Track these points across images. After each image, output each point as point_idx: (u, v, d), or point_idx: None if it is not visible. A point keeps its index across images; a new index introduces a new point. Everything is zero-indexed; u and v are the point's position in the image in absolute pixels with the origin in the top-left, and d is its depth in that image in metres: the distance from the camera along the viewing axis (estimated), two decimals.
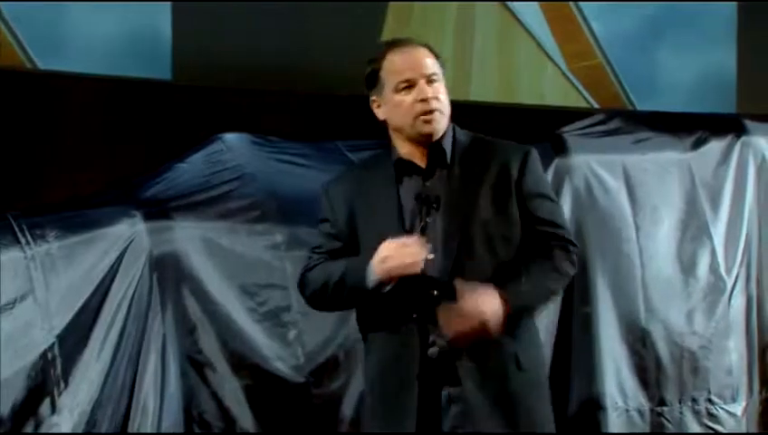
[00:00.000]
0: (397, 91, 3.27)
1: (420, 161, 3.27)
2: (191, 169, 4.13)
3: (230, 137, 4.19)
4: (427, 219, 3.20)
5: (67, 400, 3.78)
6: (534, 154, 3.29)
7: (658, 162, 4.32)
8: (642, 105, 5.55)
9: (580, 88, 5.40)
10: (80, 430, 3.78)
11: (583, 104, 5.47)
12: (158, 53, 5.14)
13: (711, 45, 5.72)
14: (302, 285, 3.28)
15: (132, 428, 3.81)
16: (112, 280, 3.87)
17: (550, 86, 5.55)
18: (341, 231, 3.27)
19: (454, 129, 3.30)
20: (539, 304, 3.27)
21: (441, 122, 3.25)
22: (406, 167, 3.28)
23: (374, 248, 3.15)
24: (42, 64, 5.03)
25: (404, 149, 3.28)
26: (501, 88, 5.37)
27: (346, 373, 4.00)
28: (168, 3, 5.15)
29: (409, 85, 3.25)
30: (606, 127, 4.39)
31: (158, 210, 3.99)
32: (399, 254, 3.13)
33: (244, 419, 3.92)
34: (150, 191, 4.07)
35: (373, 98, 3.31)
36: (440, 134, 3.27)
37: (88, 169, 4.60)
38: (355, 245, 3.24)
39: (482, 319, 3.07)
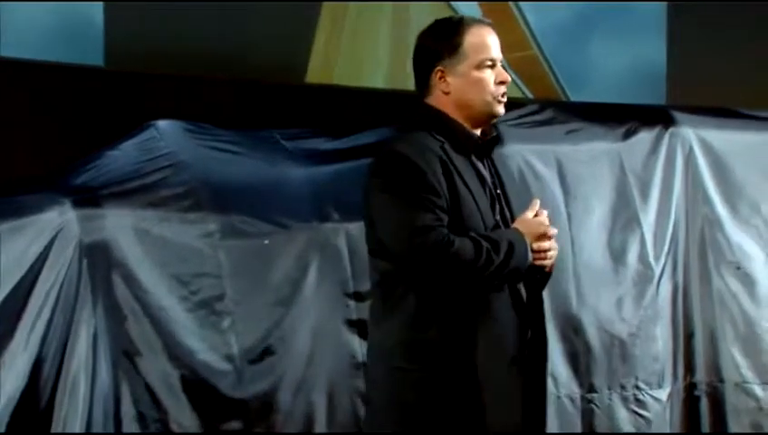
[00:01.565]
0: (479, 67, 3.20)
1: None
2: (123, 156, 3.92)
3: (163, 124, 4.00)
4: (501, 207, 3.23)
5: None
6: None
7: (590, 152, 4.20)
8: (575, 96, 5.53)
9: (515, 78, 5.36)
10: (6, 418, 3.52)
11: (517, 94, 5.37)
12: (91, 39, 4.95)
13: (641, 38, 5.74)
14: (449, 250, 3.07)
15: (59, 416, 3.60)
16: (41, 268, 3.65)
17: None
18: (447, 204, 3.14)
19: None
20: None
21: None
22: (477, 147, 3.24)
23: (477, 229, 3.14)
24: None
25: (466, 126, 3.23)
26: None
27: (281, 362, 3.80)
28: None
29: (492, 64, 3.21)
30: (539, 117, 4.26)
31: (88, 198, 3.78)
32: (554, 247, 3.19)
33: (178, 408, 3.70)
34: (81, 178, 3.86)
35: (440, 68, 3.20)
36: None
37: (16, 155, 4.35)
38: (452, 219, 3.14)
39: (555, 247, 3.20)
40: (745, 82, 5.35)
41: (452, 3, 5.43)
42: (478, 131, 3.24)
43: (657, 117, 4.30)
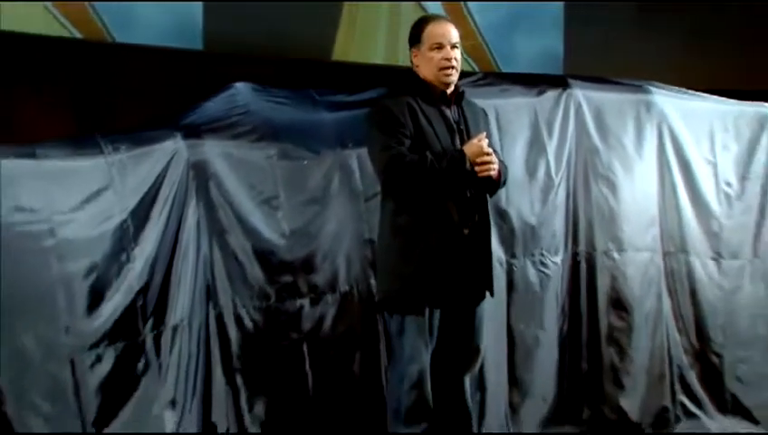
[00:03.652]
0: (431, 49, 3.18)
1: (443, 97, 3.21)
2: (214, 105, 3.89)
3: (239, 85, 3.96)
4: (463, 140, 3.17)
5: (137, 252, 3.53)
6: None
7: (515, 105, 4.13)
8: (505, 69, 5.48)
9: (467, 58, 5.42)
10: (146, 273, 3.52)
11: (468, 68, 5.31)
12: (193, 30, 4.90)
13: (548, 32, 5.62)
14: (400, 161, 3.05)
15: (177, 270, 3.59)
16: (164, 178, 3.63)
17: None
18: (410, 134, 3.10)
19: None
20: (503, 182, 3.36)
21: (454, 76, 3.21)
22: (444, 99, 3.20)
23: (439, 152, 3.09)
24: (117, 38, 4.80)
25: (433, 85, 3.19)
26: None
27: (315, 238, 3.79)
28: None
29: (440, 47, 3.16)
30: (483, 81, 4.20)
31: (193, 132, 3.74)
32: (495, 160, 3.14)
33: (251, 267, 3.70)
34: (188, 120, 3.83)
35: (414, 51, 3.22)
36: (454, 83, 3.21)
37: (144, 113, 4.32)
38: (415, 145, 3.10)
39: (494, 159, 3.16)
40: (620, 63, 5.32)
41: (425, 3, 5.39)
42: (451, 89, 3.22)
43: (558, 82, 4.27)
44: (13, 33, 4.54)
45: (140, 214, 3.57)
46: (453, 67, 3.19)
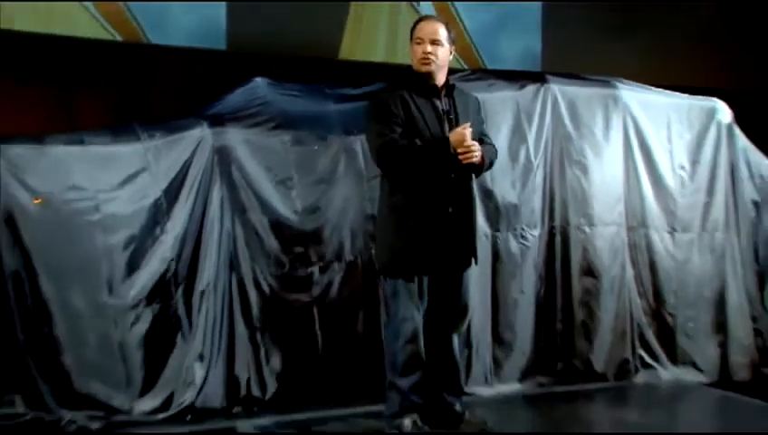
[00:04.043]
0: (415, 43, 3.24)
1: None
2: (236, 97, 4.01)
3: (258, 79, 4.06)
4: (452, 127, 3.18)
5: (169, 226, 3.67)
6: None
7: (500, 97, 4.21)
8: (491, 66, 5.47)
9: (457, 58, 5.29)
10: (177, 245, 3.64)
11: (458, 66, 5.28)
12: (217, 31, 4.94)
13: (528, 33, 5.63)
14: (391, 146, 3.10)
15: (205, 244, 3.69)
16: (191, 162, 3.74)
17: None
18: (402, 122, 3.15)
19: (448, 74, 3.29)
20: (490, 164, 3.37)
21: (432, 66, 3.20)
22: (435, 91, 3.22)
23: (427, 139, 3.11)
24: (152, 39, 4.84)
25: (425, 79, 3.22)
26: None
27: (324, 214, 3.89)
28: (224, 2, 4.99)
29: (420, 41, 3.22)
30: (473, 77, 4.29)
31: (217, 120, 3.83)
32: (477, 148, 3.16)
33: (268, 239, 3.80)
34: (213, 110, 3.96)
35: (409, 46, 3.26)
36: (431, 72, 3.20)
37: (174, 109, 4.41)
38: (406, 132, 3.14)
39: (476, 147, 3.16)
40: (592, 62, 5.28)
41: (420, 4, 5.39)
42: (441, 82, 3.25)
43: (537, 77, 4.36)
44: (65, 38, 4.59)
45: (172, 193, 3.68)
46: (428, 59, 3.23)
